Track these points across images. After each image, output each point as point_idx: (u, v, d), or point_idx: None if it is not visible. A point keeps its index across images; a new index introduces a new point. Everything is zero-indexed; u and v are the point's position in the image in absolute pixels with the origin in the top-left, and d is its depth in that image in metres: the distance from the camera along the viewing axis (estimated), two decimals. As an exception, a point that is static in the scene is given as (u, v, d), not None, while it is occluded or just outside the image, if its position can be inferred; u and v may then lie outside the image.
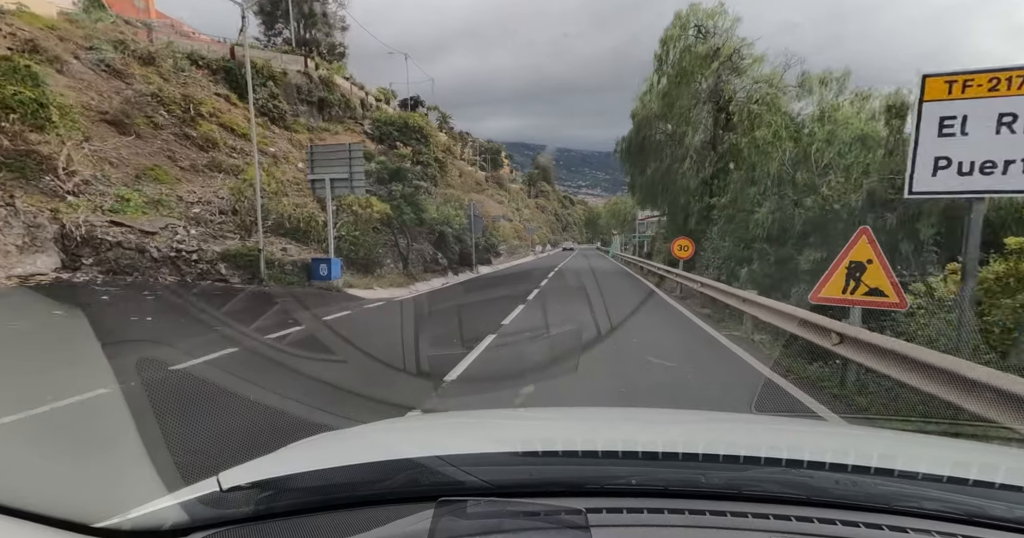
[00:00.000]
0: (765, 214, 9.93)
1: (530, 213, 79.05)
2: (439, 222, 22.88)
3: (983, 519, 0.94)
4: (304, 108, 26.00)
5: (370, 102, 33.06)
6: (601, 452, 1.15)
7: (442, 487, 0.99)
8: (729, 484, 1.01)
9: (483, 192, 63.10)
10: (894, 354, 4.38)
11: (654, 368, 6.27)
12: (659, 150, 20.80)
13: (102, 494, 1.09)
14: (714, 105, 19.23)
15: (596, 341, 7.90)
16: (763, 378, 6.01)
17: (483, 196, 61.77)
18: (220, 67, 22.79)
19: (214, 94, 21.30)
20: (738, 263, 11.76)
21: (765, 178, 10.81)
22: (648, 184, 21.19)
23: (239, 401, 4.58)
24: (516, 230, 56.84)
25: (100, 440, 3.66)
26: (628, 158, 21.46)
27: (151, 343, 6.99)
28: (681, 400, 5.06)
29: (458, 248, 24.86)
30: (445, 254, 23.32)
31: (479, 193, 60.70)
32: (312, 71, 26.73)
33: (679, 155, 19.88)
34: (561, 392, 5.18)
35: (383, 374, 5.87)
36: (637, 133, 20.75)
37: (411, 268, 19.33)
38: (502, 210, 63.13)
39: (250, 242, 13.34)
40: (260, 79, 23.17)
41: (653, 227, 34.67)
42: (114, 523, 0.93)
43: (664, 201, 21.11)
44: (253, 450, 1.40)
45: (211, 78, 22.13)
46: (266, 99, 22.65)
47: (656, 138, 20.70)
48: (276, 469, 1.10)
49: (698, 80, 19.02)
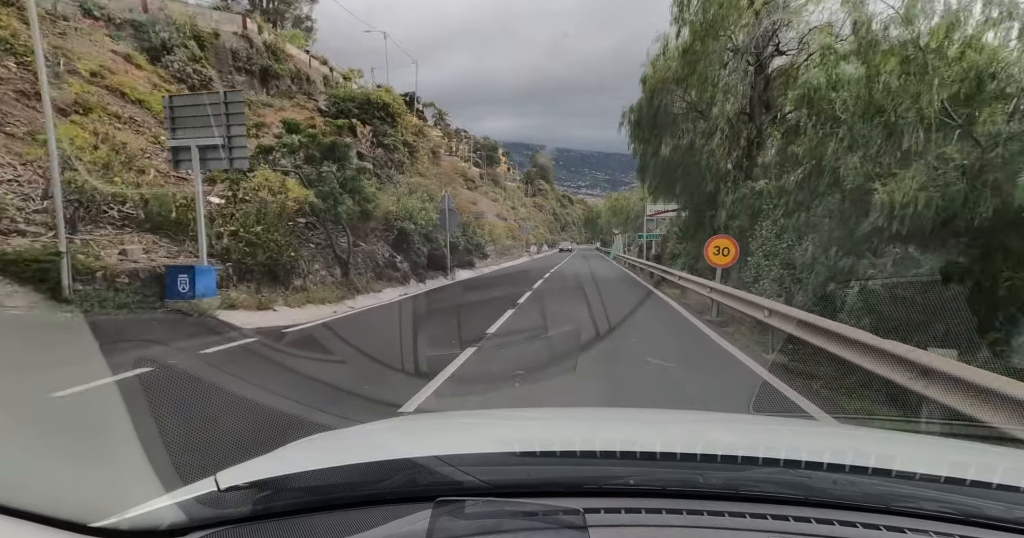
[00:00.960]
0: (910, 190, 5.31)
1: (527, 212, 74.60)
2: (399, 217, 18.26)
3: (980, 519, 0.93)
4: (242, 78, 21.39)
5: (336, 79, 28.46)
6: (599, 452, 1.14)
7: (440, 487, 0.99)
8: (727, 484, 1.01)
9: (477, 189, 58.81)
10: None
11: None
12: (678, 123, 16.16)
13: (100, 494, 1.09)
14: (753, 60, 14.60)
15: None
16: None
17: (477, 193, 57.43)
18: (126, 21, 18.22)
19: (110, 51, 16.71)
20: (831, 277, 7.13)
21: (886, 134, 6.21)
22: (663, 167, 16.54)
23: None
24: (510, 229, 52.20)
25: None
26: (637, 134, 16.80)
27: None
28: None
29: (426, 249, 20.25)
30: (408, 257, 18.71)
31: (472, 190, 56.35)
32: (254, 35, 22.12)
33: (705, 129, 15.25)
34: None
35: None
36: (649, 102, 16.08)
37: (354, 276, 14.71)
38: (497, 208, 58.70)
39: (76, 241, 8.76)
40: (179, 38, 18.62)
41: (664, 224, 29.99)
42: (112, 523, 0.92)
43: (684, 189, 16.45)
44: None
45: (111, 33, 17.54)
46: (184, 62, 18.05)
47: (674, 108, 16.06)
48: (274, 469, 1.10)
49: (731, 29, 14.41)
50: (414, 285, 17.90)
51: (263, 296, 10.39)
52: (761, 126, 14.93)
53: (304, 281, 12.71)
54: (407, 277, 17.87)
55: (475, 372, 5.98)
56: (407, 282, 17.71)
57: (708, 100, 15.01)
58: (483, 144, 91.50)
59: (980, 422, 3.18)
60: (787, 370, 6.29)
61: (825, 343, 5.40)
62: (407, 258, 18.66)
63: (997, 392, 3.21)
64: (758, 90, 14.77)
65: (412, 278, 18.43)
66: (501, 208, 60.41)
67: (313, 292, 12.28)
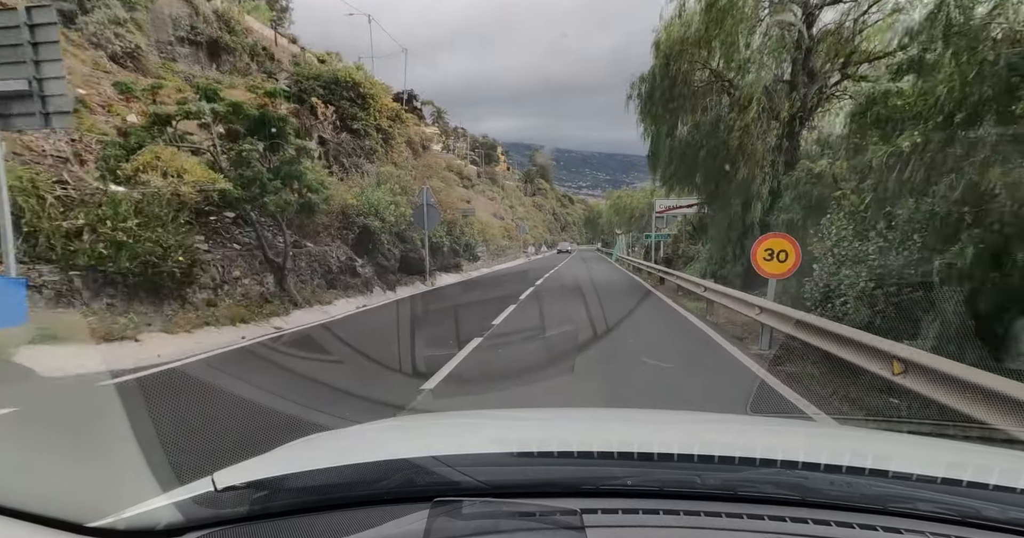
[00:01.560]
0: None
1: (525, 211, 71.65)
2: (362, 212, 15.21)
3: (977, 520, 0.93)
4: (186, 50, 18.37)
5: (309, 61, 25.42)
6: (597, 452, 1.13)
7: (438, 487, 0.98)
8: (724, 485, 1.01)
9: (473, 187, 55.93)
10: None
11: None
12: (699, 97, 13.09)
13: (96, 494, 1.07)
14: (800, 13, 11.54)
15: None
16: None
17: (473, 192, 54.53)
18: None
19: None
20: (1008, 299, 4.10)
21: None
22: (680, 150, 13.41)
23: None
24: (507, 229, 49.00)
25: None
26: (648, 111, 13.67)
27: None
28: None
29: (399, 251, 17.20)
30: (372, 260, 15.66)
31: (468, 188, 53.45)
32: (201, 1, 19.08)
33: (734, 100, 12.19)
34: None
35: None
36: (664, 70, 12.96)
37: (293, 285, 11.65)
38: (494, 207, 55.76)
39: None
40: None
41: (675, 223, 26.91)
42: (108, 523, 0.92)
43: (706, 177, 13.30)
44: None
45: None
46: (102, 24, 15.01)
47: (694, 78, 12.98)
48: (271, 469, 1.09)
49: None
50: (378, 294, 14.86)
51: (129, 319, 7.33)
52: (806, 97, 11.84)
53: (216, 294, 9.66)
54: (369, 284, 14.82)
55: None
56: (369, 290, 14.66)
57: (740, 65, 11.95)
58: (482, 142, 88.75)
59: (975, 424, 3.09)
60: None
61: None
62: (371, 261, 15.61)
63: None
64: (803, 51, 11.69)
65: (378, 285, 15.39)
66: (499, 207, 57.26)
67: (224, 309, 9.22)
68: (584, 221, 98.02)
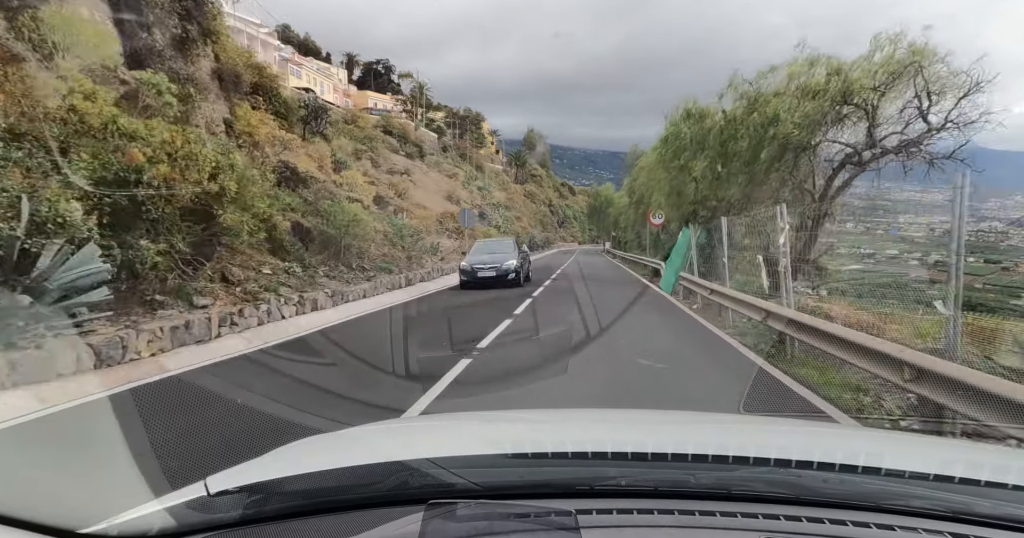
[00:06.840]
0: None
1: (507, 198, 54.99)
2: None
3: (969, 516, 0.93)
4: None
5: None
6: (590, 453, 1.12)
7: (431, 489, 0.98)
8: (718, 484, 1.00)
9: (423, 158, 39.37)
10: None
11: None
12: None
13: (88, 500, 1.11)
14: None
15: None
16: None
17: (423, 164, 37.94)
18: None
19: None
20: None
21: None
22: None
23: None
24: (442, 218, 28.18)
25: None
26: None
27: None
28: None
29: None
30: None
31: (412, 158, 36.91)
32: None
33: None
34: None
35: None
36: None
37: None
38: (449, 187, 39.11)
39: None
40: None
41: (785, 232, 9.15)
42: (101, 529, 0.91)
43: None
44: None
45: None
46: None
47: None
48: (264, 473, 1.08)
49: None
50: None
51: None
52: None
53: None
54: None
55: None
56: None
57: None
58: (463, 115, 71.82)
59: (970, 421, 3.16)
60: None
61: None
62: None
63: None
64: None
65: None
66: (459, 188, 40.56)
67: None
68: (588, 212, 79.89)
